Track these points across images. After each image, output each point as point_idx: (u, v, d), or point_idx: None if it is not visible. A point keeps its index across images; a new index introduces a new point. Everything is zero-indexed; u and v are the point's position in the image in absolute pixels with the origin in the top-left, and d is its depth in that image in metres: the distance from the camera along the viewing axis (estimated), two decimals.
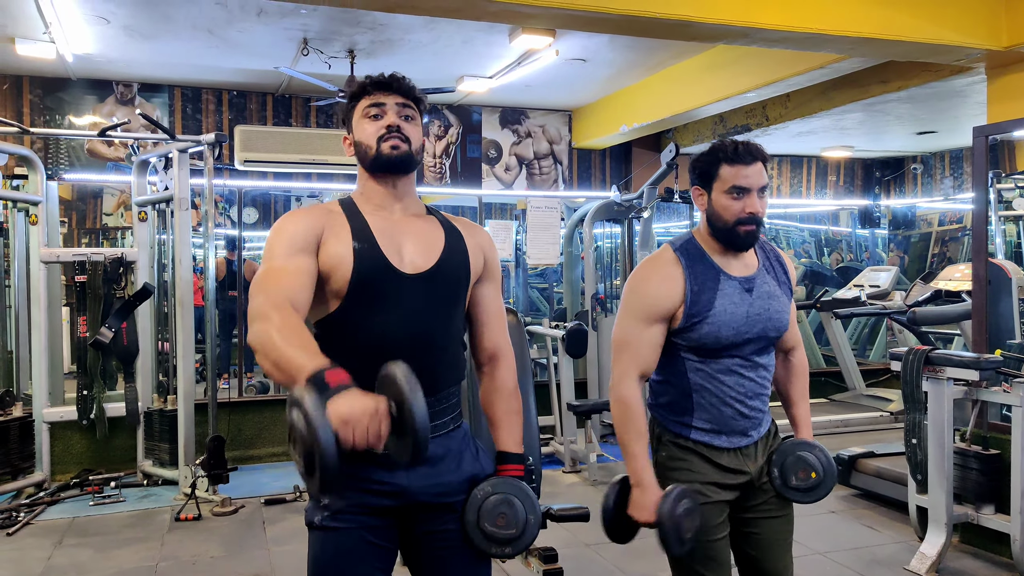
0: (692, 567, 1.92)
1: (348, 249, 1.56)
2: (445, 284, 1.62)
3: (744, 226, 1.86)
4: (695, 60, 5.36)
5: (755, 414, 1.94)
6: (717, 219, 1.89)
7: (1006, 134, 4.24)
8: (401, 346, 1.55)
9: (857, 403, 6.46)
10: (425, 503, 1.59)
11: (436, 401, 1.60)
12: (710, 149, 1.91)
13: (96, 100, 5.87)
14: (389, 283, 1.56)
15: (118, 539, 3.98)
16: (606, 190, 6.88)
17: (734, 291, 1.90)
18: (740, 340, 1.88)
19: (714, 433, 1.91)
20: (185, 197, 4.66)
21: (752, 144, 1.88)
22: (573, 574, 3.12)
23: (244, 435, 5.41)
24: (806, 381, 2.11)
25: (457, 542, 1.62)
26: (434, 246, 1.63)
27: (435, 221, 1.69)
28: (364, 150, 1.63)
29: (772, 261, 2.02)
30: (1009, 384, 3.40)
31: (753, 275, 1.95)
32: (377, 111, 1.63)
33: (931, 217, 8.34)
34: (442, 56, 5.21)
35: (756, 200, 1.86)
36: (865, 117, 6.12)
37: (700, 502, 1.87)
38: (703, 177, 1.91)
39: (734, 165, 1.85)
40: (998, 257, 5.30)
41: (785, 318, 1.96)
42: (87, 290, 4.68)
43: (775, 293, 1.96)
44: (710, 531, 1.89)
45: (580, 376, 5.99)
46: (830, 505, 4.37)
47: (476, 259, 1.69)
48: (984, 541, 3.64)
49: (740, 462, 1.93)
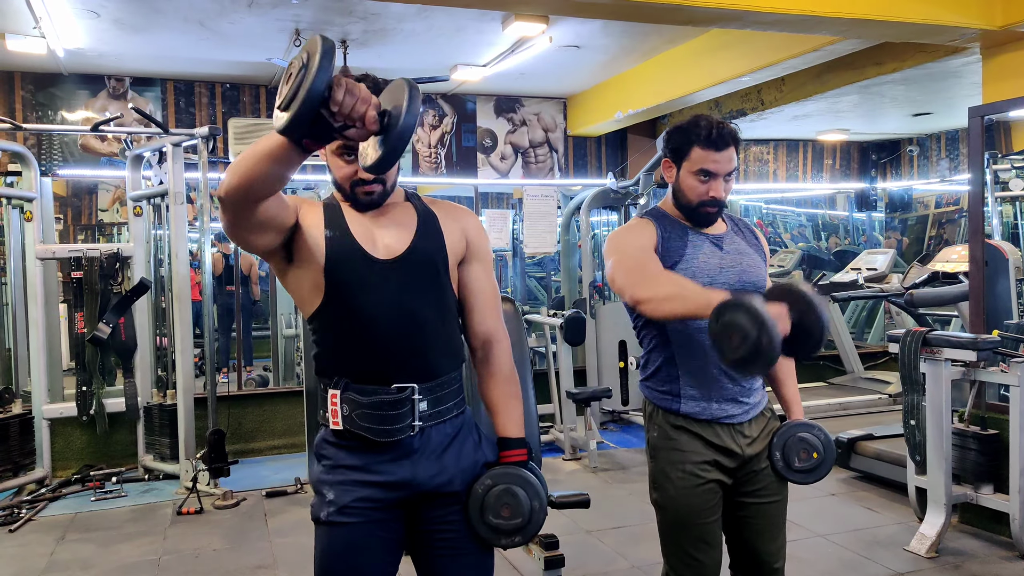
0: (683, 548, 1.93)
1: (321, 237, 1.56)
2: (421, 266, 1.61)
3: (706, 207, 1.93)
4: (689, 45, 5.34)
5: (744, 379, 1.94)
6: (682, 196, 1.96)
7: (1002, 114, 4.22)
8: (390, 330, 1.56)
9: (856, 386, 6.47)
10: (429, 493, 1.59)
11: (436, 387, 1.59)
12: (686, 126, 1.93)
13: (88, 95, 5.84)
14: (363, 269, 1.56)
15: (120, 534, 3.98)
16: (602, 177, 6.86)
17: (703, 243, 1.95)
18: (717, 289, 1.86)
19: (703, 401, 1.91)
20: (180, 191, 4.65)
21: (727, 128, 1.90)
22: (575, 561, 3.13)
23: (244, 428, 5.41)
24: (791, 360, 2.11)
25: (461, 531, 1.61)
26: (406, 230, 1.62)
27: (410, 207, 1.67)
28: (338, 186, 1.62)
29: (741, 227, 2.07)
30: (1007, 364, 3.41)
31: (721, 234, 2.00)
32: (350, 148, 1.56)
33: (928, 199, 8.34)
34: (435, 45, 5.18)
35: (721, 185, 1.91)
36: (860, 99, 6.10)
37: (691, 484, 1.88)
38: (675, 152, 1.95)
39: (706, 149, 1.88)
40: (995, 238, 5.30)
41: (761, 273, 1.99)
42: (84, 286, 4.67)
43: (746, 251, 2.00)
44: (702, 513, 1.90)
45: (579, 364, 5.99)
46: (830, 487, 4.39)
47: (455, 240, 1.66)
48: (983, 520, 3.65)
49: (732, 439, 1.92)
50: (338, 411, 1.56)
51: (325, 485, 1.59)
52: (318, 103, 1.16)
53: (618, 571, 3.40)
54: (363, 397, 1.55)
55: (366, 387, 1.55)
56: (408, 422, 1.56)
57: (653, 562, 3.41)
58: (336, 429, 1.57)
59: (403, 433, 1.56)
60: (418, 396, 1.56)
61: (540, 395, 5.21)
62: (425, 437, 1.58)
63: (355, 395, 1.55)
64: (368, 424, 1.55)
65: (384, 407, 1.54)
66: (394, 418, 1.55)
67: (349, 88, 1.18)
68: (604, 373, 5.96)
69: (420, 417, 1.57)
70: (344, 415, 1.56)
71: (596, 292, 6.11)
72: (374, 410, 1.54)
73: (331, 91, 1.17)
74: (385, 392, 1.55)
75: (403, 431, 1.56)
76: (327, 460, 1.61)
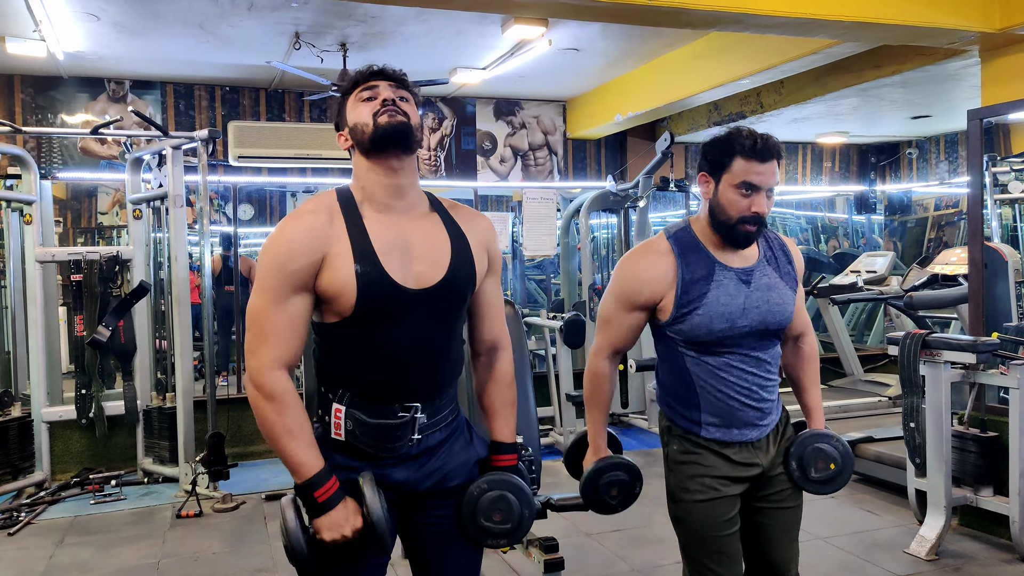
0: (702, 561, 1.90)
1: (351, 274, 1.50)
2: (452, 297, 1.60)
3: (747, 225, 1.80)
4: (688, 48, 5.35)
5: (763, 405, 1.90)
6: (720, 212, 1.82)
7: (1000, 117, 4.23)
8: (407, 356, 1.56)
9: (855, 388, 6.47)
10: (422, 492, 1.62)
11: (438, 401, 1.62)
12: (726, 136, 1.81)
13: (88, 98, 5.84)
14: (394, 302, 1.53)
15: (120, 537, 3.98)
16: (602, 180, 6.87)
17: (730, 282, 1.84)
18: (735, 333, 1.83)
19: (724, 428, 1.88)
20: (180, 194, 4.65)
21: (771, 140, 1.79)
22: (574, 564, 3.13)
23: (244, 432, 5.40)
24: (816, 367, 2.07)
25: (452, 527, 1.65)
26: (441, 256, 1.58)
27: (439, 221, 1.62)
28: (360, 130, 1.56)
29: (776, 251, 1.94)
30: (1006, 367, 3.41)
31: (752, 267, 1.88)
32: (371, 93, 1.58)
33: (927, 202, 8.34)
34: (435, 48, 5.19)
35: (764, 200, 1.78)
36: (859, 102, 6.10)
37: (710, 497, 1.86)
38: (714, 165, 1.82)
39: (749, 160, 1.76)
40: (994, 240, 5.30)
41: (787, 310, 1.89)
42: (83, 289, 4.67)
43: (775, 284, 1.89)
44: (721, 526, 1.87)
45: (578, 366, 5.96)
46: None
47: (481, 261, 1.65)
48: (983, 523, 3.65)
49: (751, 455, 1.90)
50: (341, 424, 1.57)
51: None
52: (308, 562, 1.52)
53: (618, 574, 3.40)
54: (369, 419, 1.55)
55: (371, 407, 1.56)
56: (408, 436, 1.58)
57: (653, 565, 3.41)
58: (337, 439, 1.58)
59: (404, 448, 1.59)
60: (420, 414, 1.59)
61: (540, 398, 5.20)
62: (421, 444, 1.61)
63: (360, 415, 1.56)
64: (371, 441, 1.57)
65: (388, 428, 1.56)
66: (397, 437, 1.57)
67: (332, 539, 1.51)
68: None
69: (419, 430, 1.59)
70: (347, 429, 1.57)
71: (596, 295, 6.10)
72: (378, 431, 1.56)
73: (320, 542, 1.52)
74: (391, 414, 1.56)
75: (404, 446, 1.59)
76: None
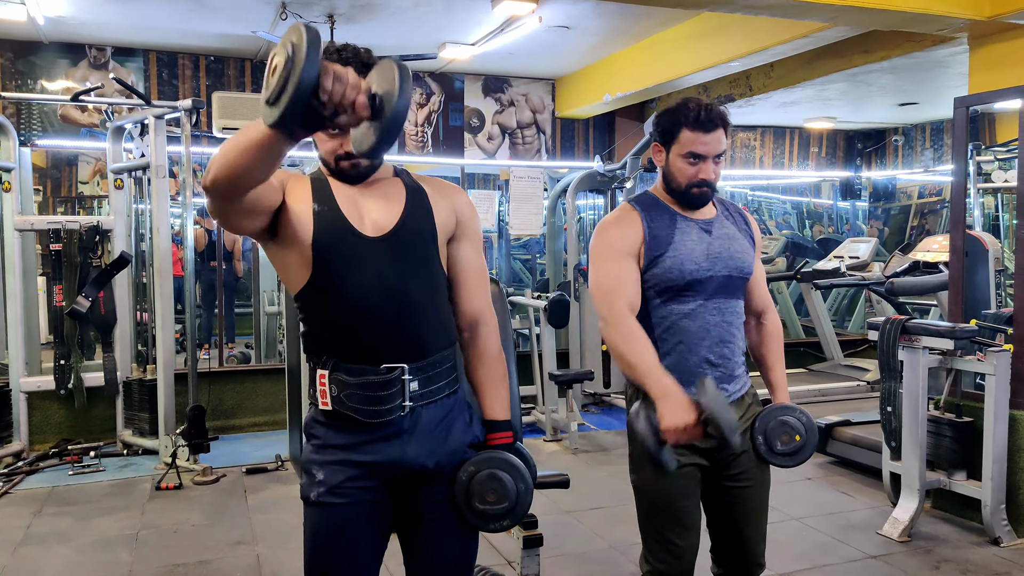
0: (660, 531, 1.94)
1: (308, 210, 1.54)
2: (410, 243, 1.59)
3: (696, 188, 1.93)
4: (679, 28, 5.31)
5: (723, 362, 1.94)
6: (671, 179, 1.96)
7: (987, 105, 4.25)
8: (377, 308, 1.54)
9: (835, 373, 6.53)
10: (418, 473, 1.58)
11: (427, 366, 1.58)
12: (674, 108, 1.92)
13: (69, 64, 5.73)
14: (351, 246, 1.54)
15: (98, 508, 3.97)
16: (589, 160, 6.84)
17: (692, 229, 1.95)
18: (703, 276, 1.91)
19: (683, 387, 1.89)
20: (162, 164, 4.59)
21: (716, 110, 1.89)
22: (553, 540, 3.16)
23: (225, 405, 5.39)
24: (780, 344, 2.12)
25: (448, 512, 1.61)
26: (395, 206, 1.60)
27: (399, 182, 1.65)
28: (324, 160, 1.60)
29: (732, 213, 2.06)
30: (983, 353, 3.45)
31: (711, 219, 2.00)
32: None
33: (911, 189, 8.39)
34: (423, 22, 5.12)
35: (711, 167, 1.91)
36: (848, 87, 6.11)
37: (671, 467, 1.89)
38: (664, 135, 1.95)
39: (695, 131, 1.88)
40: (976, 229, 5.35)
41: (749, 260, 1.99)
42: (63, 259, 4.62)
43: (735, 236, 2.00)
44: (680, 495, 1.92)
45: (562, 346, 6.00)
46: (806, 472, 4.44)
47: (444, 217, 1.64)
48: (956, 506, 3.72)
49: None
50: (327, 391, 1.55)
51: (315, 465, 1.58)
52: (308, 95, 1.14)
53: (596, 551, 3.43)
54: (351, 378, 1.54)
55: (354, 367, 1.54)
56: (398, 402, 1.55)
57: (631, 543, 3.45)
58: (325, 409, 1.56)
59: (393, 414, 1.55)
60: (408, 376, 1.55)
61: (523, 377, 5.23)
62: (415, 417, 1.57)
63: (343, 376, 1.54)
64: (357, 405, 1.54)
65: (373, 388, 1.53)
66: (383, 399, 1.53)
67: (338, 75, 1.16)
68: (587, 356, 5.98)
69: (411, 397, 1.56)
70: (333, 396, 1.55)
71: (581, 275, 6.11)
72: (363, 391, 1.53)
73: (320, 80, 1.14)
74: (374, 372, 1.53)
75: (393, 412, 1.54)
76: (316, 440, 1.60)
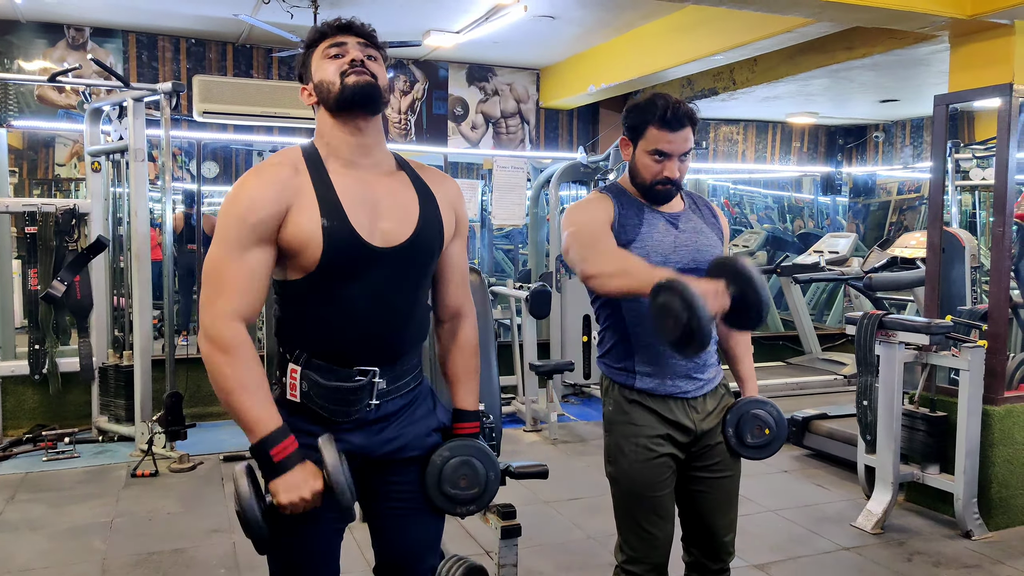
0: (636, 521, 1.96)
1: (316, 227, 1.47)
2: (419, 257, 1.58)
3: (660, 186, 1.94)
4: (664, 21, 5.31)
5: None
6: (636, 174, 1.96)
7: (966, 103, 4.30)
8: (366, 317, 1.54)
9: (812, 366, 6.60)
10: (380, 459, 1.59)
11: (399, 365, 1.59)
12: (643, 104, 1.92)
13: (46, 44, 5.63)
14: (360, 259, 1.51)
15: (72, 495, 3.93)
16: (573, 151, 6.84)
17: (659, 221, 1.96)
18: (670, 268, 1.89)
19: (657, 378, 1.93)
20: (141, 148, 4.53)
21: (683, 108, 1.89)
22: (532, 530, 3.17)
23: (203, 392, 5.34)
24: (748, 336, 2.14)
25: (413, 496, 1.63)
26: (409, 214, 1.56)
27: (406, 180, 1.61)
28: (326, 88, 1.54)
29: (700, 206, 2.07)
30: (958, 349, 3.50)
31: (678, 212, 2.00)
32: (338, 50, 1.55)
33: (890, 186, 8.47)
34: (408, 8, 5.08)
35: (675, 165, 1.91)
36: (830, 83, 6.14)
37: (644, 458, 1.91)
38: (631, 130, 1.96)
39: (661, 129, 1.88)
40: (953, 226, 5.41)
41: (716, 252, 2.00)
42: (38, 242, 4.55)
43: (703, 229, 2.01)
44: (655, 486, 1.93)
45: (543, 337, 6.01)
46: (782, 464, 4.49)
47: (449, 222, 1.63)
48: (928, 500, 3.77)
49: (686, 414, 1.94)
50: (297, 385, 1.55)
51: None
52: (263, 533, 1.45)
53: (574, 541, 3.45)
54: (323, 379, 1.53)
55: (327, 367, 1.53)
56: (366, 402, 1.55)
57: (609, 533, 3.45)
58: (293, 400, 1.56)
59: (360, 412, 1.56)
60: (378, 379, 1.56)
61: (503, 367, 5.22)
62: (380, 410, 1.58)
63: (315, 375, 1.53)
64: (325, 403, 1.54)
65: (343, 392, 1.53)
66: (352, 400, 1.54)
67: (292, 507, 1.45)
68: (568, 346, 5.99)
69: (378, 395, 1.56)
70: (303, 391, 1.54)
71: (563, 266, 6.11)
72: (333, 393, 1.53)
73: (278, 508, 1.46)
74: (346, 377, 1.54)
75: (360, 410, 1.56)
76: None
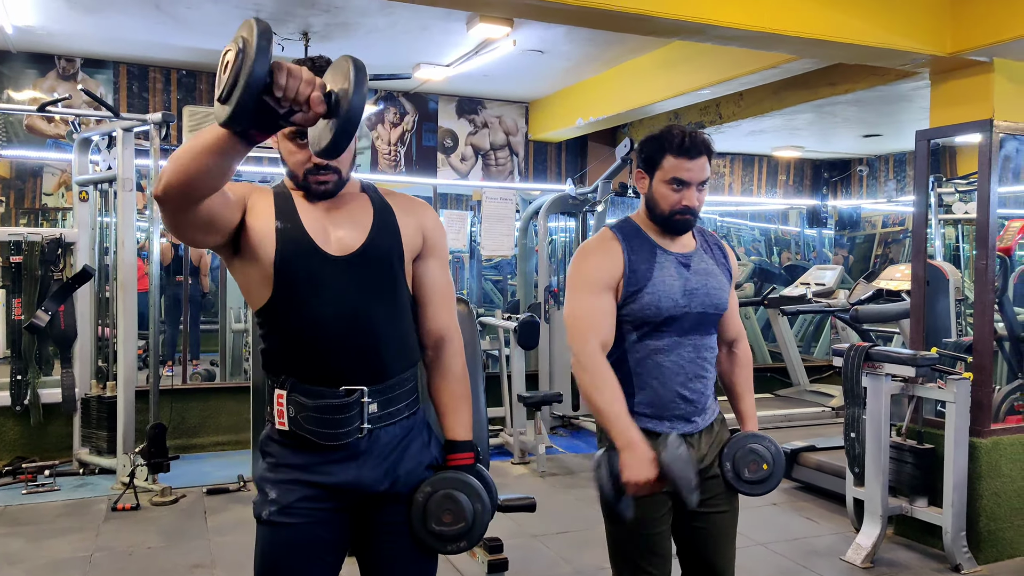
0: (633, 560, 1.92)
1: (271, 227, 1.50)
2: (376, 264, 1.56)
3: (680, 216, 1.92)
4: (651, 56, 5.40)
5: (697, 397, 1.94)
6: (654, 206, 1.95)
7: (947, 138, 4.36)
8: (340, 330, 1.52)
9: (801, 398, 6.61)
10: (373, 494, 1.56)
11: (386, 388, 1.55)
12: (659, 135, 1.93)
13: (37, 74, 5.65)
14: (314, 265, 1.51)
15: (52, 528, 3.85)
16: (561, 183, 6.89)
17: (671, 264, 1.94)
18: (679, 313, 1.91)
19: (656, 419, 1.91)
20: (129, 177, 4.52)
21: (699, 137, 1.89)
22: (519, 565, 3.13)
23: (188, 423, 5.28)
24: (750, 373, 2.14)
25: (405, 535, 1.58)
26: (362, 225, 1.57)
27: (366, 199, 1.62)
28: (291, 174, 1.56)
29: (711, 245, 2.06)
30: (944, 380, 3.52)
31: (690, 252, 1.99)
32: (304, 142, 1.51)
33: (875, 219, 8.57)
34: (399, 42, 5.14)
35: (694, 194, 1.91)
36: (815, 118, 6.24)
37: (627, 516, 1.87)
38: (647, 162, 1.95)
39: (679, 158, 1.88)
40: (936, 259, 5.47)
41: (724, 296, 1.99)
42: (23, 271, 4.52)
43: (713, 271, 2.00)
44: (651, 523, 1.90)
45: (531, 368, 6.00)
46: (772, 497, 4.46)
47: (411, 236, 1.62)
48: (917, 533, 3.75)
49: None
50: (284, 412, 1.52)
51: (268, 483, 1.55)
52: (260, 90, 1.11)
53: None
54: (309, 400, 1.51)
55: (312, 389, 1.51)
56: (356, 425, 1.52)
57: (597, 567, 3.43)
58: (282, 429, 1.54)
59: (350, 436, 1.52)
60: (368, 399, 1.53)
61: (491, 398, 5.20)
62: (373, 439, 1.54)
63: (301, 397, 1.51)
64: (314, 427, 1.51)
65: (331, 411, 1.50)
66: (341, 422, 1.51)
67: (291, 71, 1.14)
68: (556, 378, 5.98)
69: (369, 420, 1.53)
70: (290, 416, 1.52)
71: (551, 297, 6.12)
72: (320, 414, 1.51)
73: (272, 76, 1.12)
74: (332, 395, 1.51)
75: (350, 434, 1.52)
76: (271, 458, 1.57)
